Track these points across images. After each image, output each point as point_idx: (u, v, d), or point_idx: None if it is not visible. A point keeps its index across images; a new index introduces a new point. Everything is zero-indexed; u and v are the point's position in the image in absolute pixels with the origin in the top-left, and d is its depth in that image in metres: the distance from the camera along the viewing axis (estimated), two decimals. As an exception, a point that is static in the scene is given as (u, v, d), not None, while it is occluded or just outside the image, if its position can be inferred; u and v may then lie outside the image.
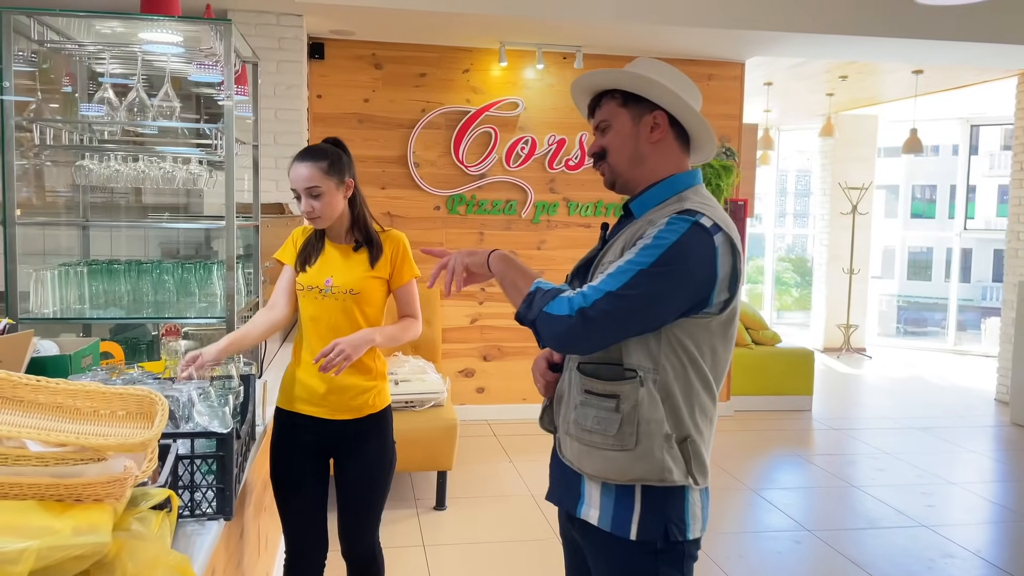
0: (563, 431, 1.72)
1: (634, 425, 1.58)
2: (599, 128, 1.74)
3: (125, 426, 1.25)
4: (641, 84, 1.66)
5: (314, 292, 2.43)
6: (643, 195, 1.69)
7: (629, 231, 1.65)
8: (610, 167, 1.73)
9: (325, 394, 2.43)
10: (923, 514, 4.37)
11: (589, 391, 1.64)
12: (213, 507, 1.74)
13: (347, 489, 2.52)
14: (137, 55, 2.76)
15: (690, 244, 1.53)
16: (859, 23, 5.24)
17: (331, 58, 5.66)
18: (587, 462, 1.65)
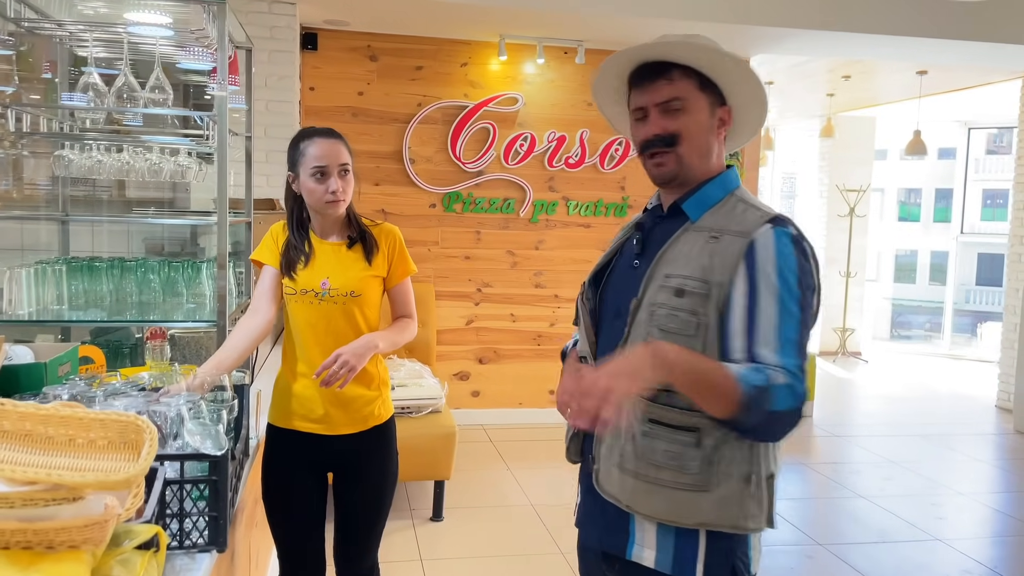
0: (609, 463, 1.49)
1: (715, 464, 1.40)
2: (671, 107, 1.47)
3: (106, 458, 1.07)
4: (746, 76, 1.47)
5: (309, 296, 2.21)
6: (697, 194, 1.51)
7: (696, 239, 1.45)
8: (679, 158, 1.48)
9: (326, 409, 2.24)
10: (935, 527, 4.23)
11: (657, 421, 1.43)
12: (205, 538, 1.55)
13: (349, 507, 2.32)
14: (123, 38, 2.56)
15: (806, 268, 1.41)
16: (867, 20, 5.10)
17: (324, 49, 5.46)
18: (645, 502, 1.44)
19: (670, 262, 1.46)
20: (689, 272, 1.42)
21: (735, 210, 1.47)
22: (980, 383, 8.05)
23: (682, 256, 1.45)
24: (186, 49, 2.76)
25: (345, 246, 2.27)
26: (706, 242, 1.44)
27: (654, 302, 1.44)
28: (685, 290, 1.41)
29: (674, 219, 1.53)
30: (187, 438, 1.57)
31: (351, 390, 2.21)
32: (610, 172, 5.89)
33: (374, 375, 2.29)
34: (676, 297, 1.42)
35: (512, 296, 5.87)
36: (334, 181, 2.18)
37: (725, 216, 1.47)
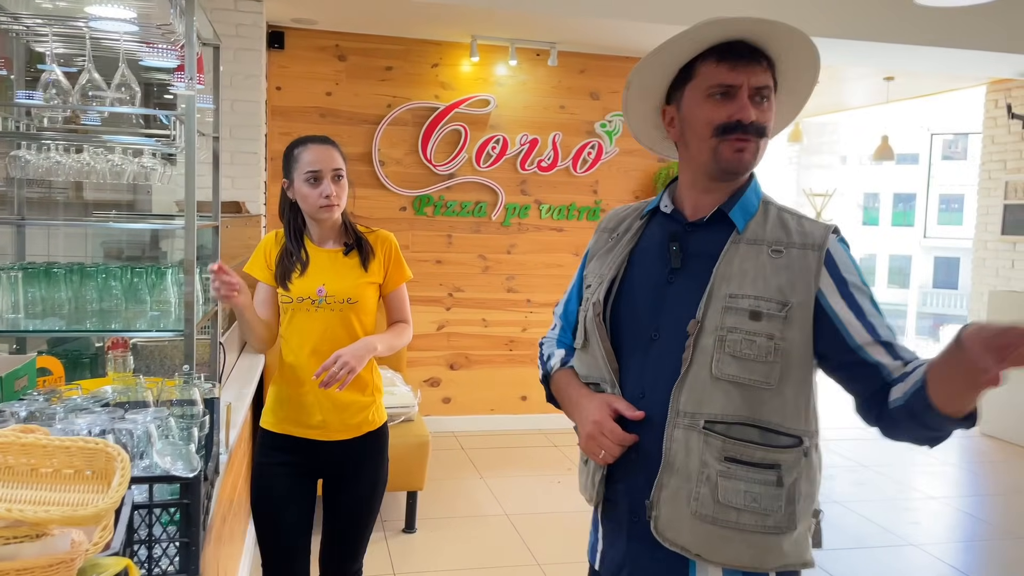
0: (679, 510, 1.33)
1: (794, 503, 1.32)
2: (761, 95, 1.35)
3: (73, 489, 0.97)
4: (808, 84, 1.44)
5: (305, 304, 2.24)
6: (741, 201, 1.40)
7: (757, 252, 1.34)
8: (759, 151, 1.37)
9: (323, 416, 2.24)
10: (909, 532, 4.24)
11: (733, 459, 1.30)
12: (175, 565, 1.45)
13: (340, 513, 2.33)
14: (84, 33, 2.43)
15: None
16: (834, 25, 5.11)
17: (292, 48, 5.33)
18: (723, 550, 1.31)
19: (730, 279, 1.34)
20: (760, 292, 1.32)
21: (785, 221, 1.39)
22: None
23: (744, 273, 1.34)
24: (150, 46, 2.63)
25: (341, 253, 2.29)
26: (769, 257, 1.34)
27: (723, 326, 1.32)
28: (762, 313, 1.30)
29: (713, 228, 1.40)
30: (157, 459, 1.47)
31: (347, 396, 2.22)
32: (583, 175, 5.84)
33: (368, 381, 2.31)
34: (752, 321, 1.31)
35: (484, 301, 5.79)
36: (327, 185, 2.20)
37: (776, 228, 1.38)
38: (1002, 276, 6.77)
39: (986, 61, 5.77)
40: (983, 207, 7.05)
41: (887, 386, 1.28)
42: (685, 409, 1.33)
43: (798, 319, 1.31)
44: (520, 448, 5.36)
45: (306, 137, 2.32)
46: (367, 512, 2.35)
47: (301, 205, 2.27)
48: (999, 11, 5.15)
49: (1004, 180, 6.75)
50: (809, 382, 1.36)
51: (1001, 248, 6.79)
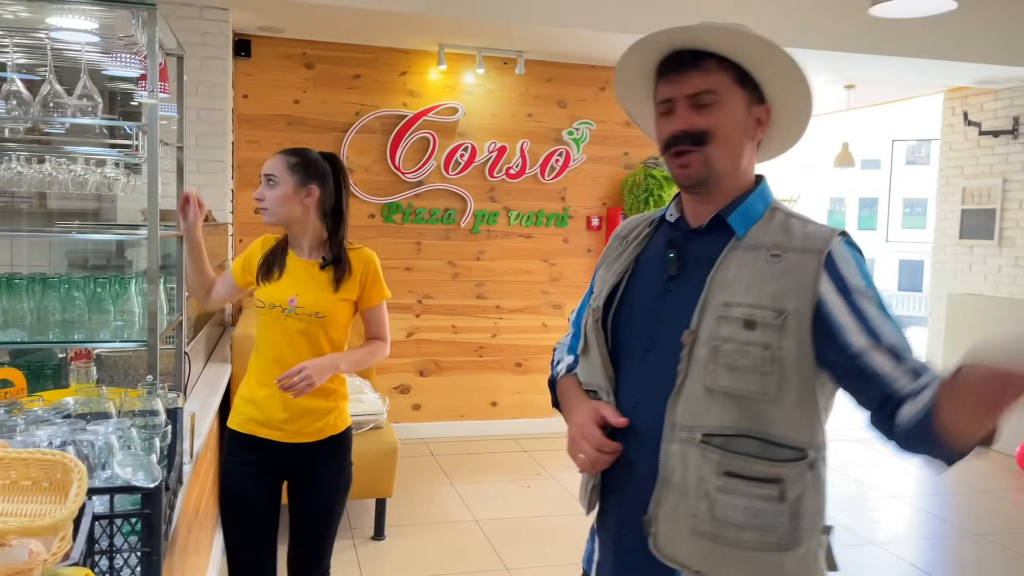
0: (678, 526, 1.29)
1: (799, 519, 1.26)
2: (700, 102, 1.31)
3: (30, 500, 0.99)
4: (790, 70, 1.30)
5: (276, 311, 2.32)
6: (742, 206, 1.35)
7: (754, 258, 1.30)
8: (707, 159, 1.32)
9: (285, 419, 2.31)
10: (870, 530, 4.33)
11: (733, 474, 1.26)
12: (137, 575, 1.46)
13: (303, 514, 2.40)
14: (45, 43, 2.43)
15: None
16: (797, 35, 5.22)
17: (258, 56, 5.33)
18: (723, 567, 1.27)
19: (725, 287, 1.29)
20: (755, 300, 1.26)
21: (789, 226, 1.32)
22: (907, 387, 8.30)
23: (740, 280, 1.29)
24: (113, 55, 2.63)
25: (318, 266, 2.35)
26: (767, 263, 1.29)
27: (717, 336, 1.27)
28: (757, 321, 1.25)
29: (712, 235, 1.36)
30: (117, 470, 1.48)
31: (309, 401, 2.30)
32: (551, 182, 5.89)
33: (333, 389, 2.38)
34: (747, 330, 1.26)
35: (453, 307, 5.81)
36: (260, 189, 2.35)
37: (778, 232, 1.32)
38: (960, 279, 6.92)
39: (943, 70, 5.91)
40: (941, 212, 7.21)
41: (892, 400, 1.21)
42: (682, 422, 1.29)
43: (795, 327, 1.25)
44: (490, 454, 5.38)
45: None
46: (329, 515, 2.40)
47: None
48: (954, 22, 5.29)
49: (961, 185, 6.91)
50: (812, 392, 1.29)
51: (959, 252, 6.95)
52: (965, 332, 6.27)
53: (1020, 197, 6.41)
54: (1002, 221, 6.55)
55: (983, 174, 6.75)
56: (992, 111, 6.67)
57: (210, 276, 2.56)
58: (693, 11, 4.99)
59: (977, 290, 6.70)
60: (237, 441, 2.39)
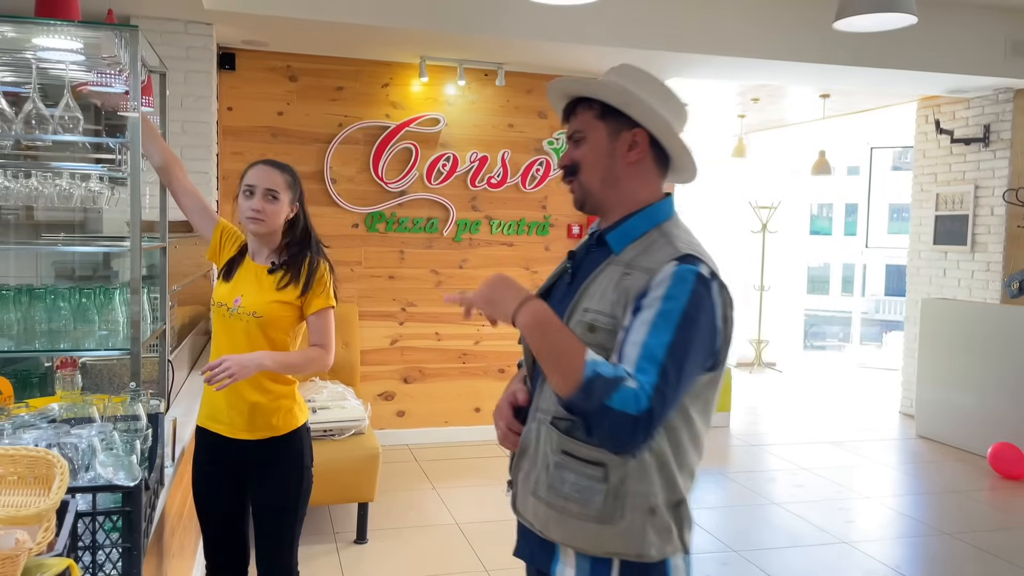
0: (526, 490, 1.54)
1: (621, 499, 1.43)
2: (572, 138, 1.58)
3: (16, 493, 1.08)
4: (622, 98, 1.50)
5: (223, 309, 2.46)
6: (621, 227, 1.53)
7: (613, 273, 1.48)
8: (581, 185, 1.56)
9: (227, 411, 2.43)
10: (843, 530, 4.44)
11: (568, 452, 1.46)
12: (119, 569, 1.55)
13: (258, 511, 2.51)
14: (31, 63, 2.52)
15: (700, 301, 1.39)
16: (772, 47, 5.36)
17: (243, 69, 5.42)
18: (556, 530, 1.49)
19: (590, 296, 1.48)
20: (601, 308, 1.45)
21: (654, 245, 1.48)
22: (885, 390, 8.46)
23: (599, 291, 1.47)
24: (97, 73, 2.72)
25: (266, 270, 2.47)
26: (620, 278, 1.46)
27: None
28: (596, 326, 1.44)
29: (602, 249, 1.55)
30: (99, 470, 1.56)
31: (249, 397, 2.41)
32: (532, 191, 6.00)
33: (271, 387, 2.45)
34: (589, 332, 1.45)
35: (437, 315, 5.90)
36: (257, 201, 2.42)
37: (643, 251, 1.48)
38: (935, 284, 7.07)
39: (913, 80, 6.06)
40: (916, 218, 7.36)
41: None
42: (541, 406, 1.54)
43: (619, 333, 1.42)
44: (473, 459, 5.47)
45: (261, 159, 2.54)
46: (280, 513, 2.48)
47: (237, 214, 2.51)
48: (922, 33, 5.43)
49: (935, 192, 7.06)
50: None
51: (933, 257, 7.10)
52: (937, 335, 6.40)
53: (992, 204, 6.56)
54: (974, 227, 6.70)
55: (956, 181, 6.90)
56: (964, 119, 6.83)
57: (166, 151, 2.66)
58: (665, 24, 5.12)
59: (951, 295, 6.84)
60: (199, 438, 2.54)
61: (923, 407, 6.56)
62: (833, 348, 13.60)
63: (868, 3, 3.55)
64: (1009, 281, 6.26)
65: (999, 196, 6.48)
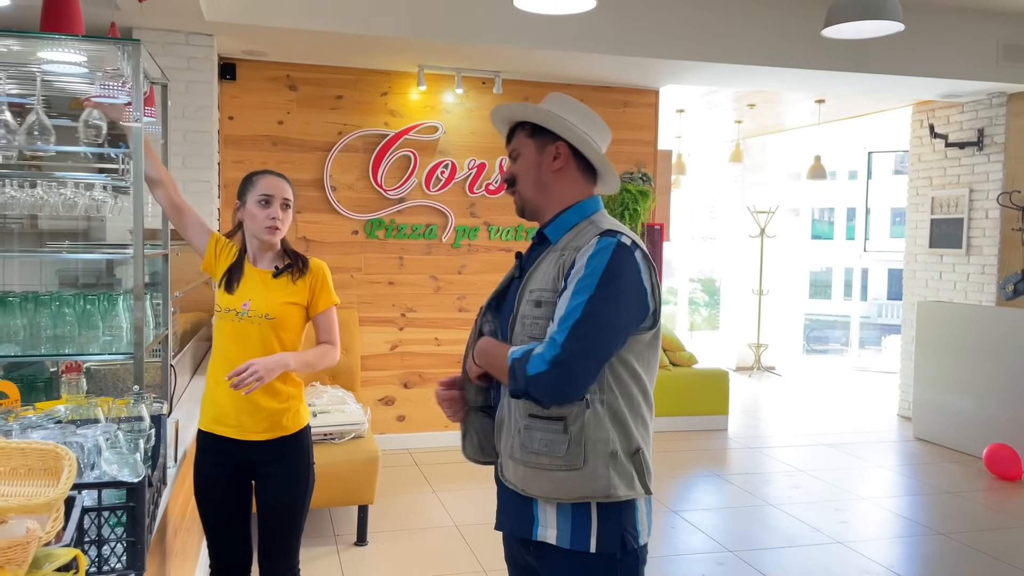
0: (506, 455, 1.76)
1: (581, 445, 1.64)
2: (511, 156, 1.86)
3: (27, 484, 1.14)
4: (542, 117, 1.78)
5: (231, 315, 2.49)
6: (555, 221, 1.79)
7: (552, 257, 1.73)
8: (519, 193, 1.84)
9: (236, 414, 2.47)
10: (838, 531, 4.48)
11: (534, 415, 1.68)
12: (123, 563, 1.61)
13: (264, 510, 2.56)
14: (36, 75, 2.59)
15: (620, 263, 1.64)
16: (766, 54, 5.43)
17: (243, 79, 5.50)
18: (534, 484, 1.69)
19: (535, 280, 1.74)
20: (543, 285, 1.71)
21: (583, 231, 1.74)
22: (884, 393, 8.50)
23: (542, 274, 1.73)
24: (100, 84, 2.79)
25: (271, 274, 2.55)
26: (557, 258, 1.72)
27: (524, 314, 1.73)
28: (541, 301, 1.70)
29: (542, 244, 1.82)
30: (104, 467, 1.63)
31: (261, 400, 2.46)
32: (529, 198, 6.06)
33: (281, 390, 2.52)
34: (536, 308, 1.71)
35: (436, 320, 5.97)
36: (275, 210, 2.49)
37: (575, 236, 1.74)
38: (931, 287, 7.12)
39: (908, 85, 6.13)
40: (912, 222, 7.42)
41: None
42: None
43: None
44: (473, 463, 5.52)
45: (267, 170, 2.62)
46: (287, 511, 2.55)
47: (248, 224, 2.54)
48: (915, 39, 5.50)
49: (931, 196, 7.13)
50: None
51: (930, 260, 7.15)
52: (934, 338, 6.46)
53: (986, 207, 6.62)
54: (969, 230, 6.76)
55: (951, 184, 6.96)
56: (958, 123, 6.89)
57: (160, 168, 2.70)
58: (659, 32, 5.19)
59: (947, 298, 6.89)
60: (203, 441, 2.57)
61: (920, 409, 6.61)
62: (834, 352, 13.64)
63: (855, 11, 3.62)
64: (1004, 283, 6.32)
65: (993, 199, 6.53)
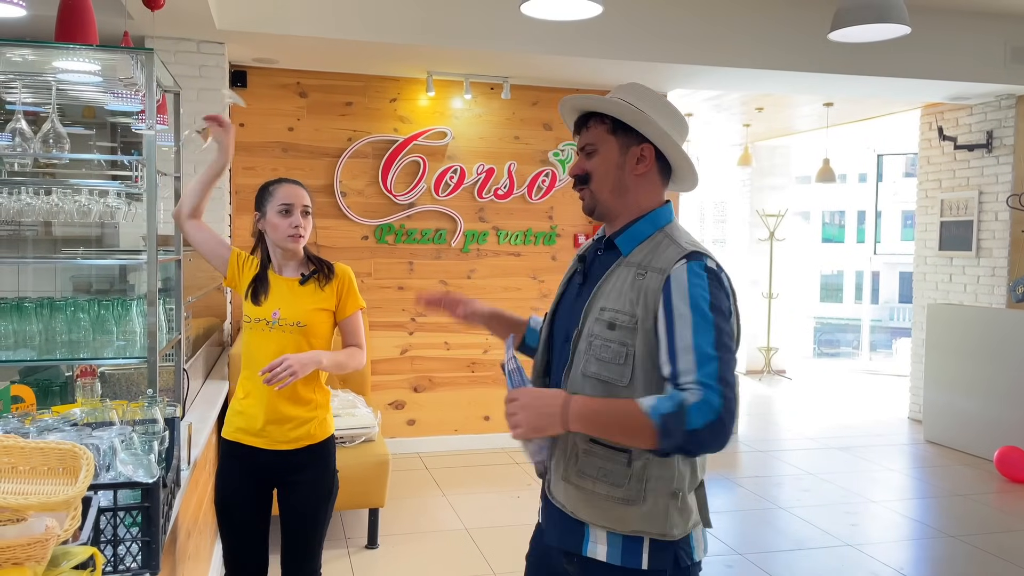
0: (557, 475, 1.67)
1: (643, 482, 1.57)
2: (584, 150, 1.70)
3: (47, 483, 1.17)
4: (636, 117, 1.63)
5: (261, 324, 2.51)
6: (628, 231, 1.67)
7: (625, 272, 1.61)
8: (592, 193, 1.70)
9: (263, 425, 2.49)
10: (847, 533, 4.48)
11: (596, 441, 1.59)
12: (138, 562, 1.64)
13: (288, 517, 2.57)
14: (51, 84, 2.63)
15: (718, 291, 1.54)
16: (773, 58, 5.44)
17: (254, 86, 5.55)
18: (585, 511, 1.62)
19: (605, 296, 1.62)
20: (619, 307, 1.58)
21: (660, 246, 1.62)
22: (894, 396, 8.48)
23: (615, 291, 1.61)
24: (114, 92, 2.83)
25: (298, 282, 2.56)
26: (634, 278, 1.59)
27: (592, 333, 1.61)
28: (616, 324, 1.58)
29: (611, 253, 1.69)
30: (120, 468, 1.66)
31: (288, 409, 2.48)
32: (538, 202, 6.10)
33: (311, 398, 2.54)
34: (609, 330, 1.58)
35: (446, 325, 5.99)
36: (297, 217, 2.50)
37: (651, 252, 1.61)
38: (941, 289, 7.10)
39: (916, 87, 6.12)
40: (921, 224, 7.41)
41: None
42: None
43: (643, 331, 1.55)
44: (482, 466, 5.55)
45: (281, 178, 2.63)
46: (313, 520, 2.57)
47: (271, 234, 2.55)
48: (924, 41, 5.50)
49: (940, 198, 7.11)
50: (659, 382, 1.54)
51: (939, 263, 7.13)
52: (944, 341, 6.44)
53: (996, 209, 6.61)
54: (979, 233, 6.74)
55: (960, 187, 6.94)
56: (967, 125, 6.88)
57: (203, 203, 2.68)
58: (667, 36, 5.21)
59: (957, 300, 6.87)
60: (227, 450, 2.58)
61: (930, 412, 6.59)
62: (844, 355, 13.61)
63: (862, 14, 3.64)
64: (1014, 285, 6.30)
65: (1003, 201, 6.52)
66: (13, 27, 3.96)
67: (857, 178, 27.95)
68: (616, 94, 1.69)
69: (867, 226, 27.35)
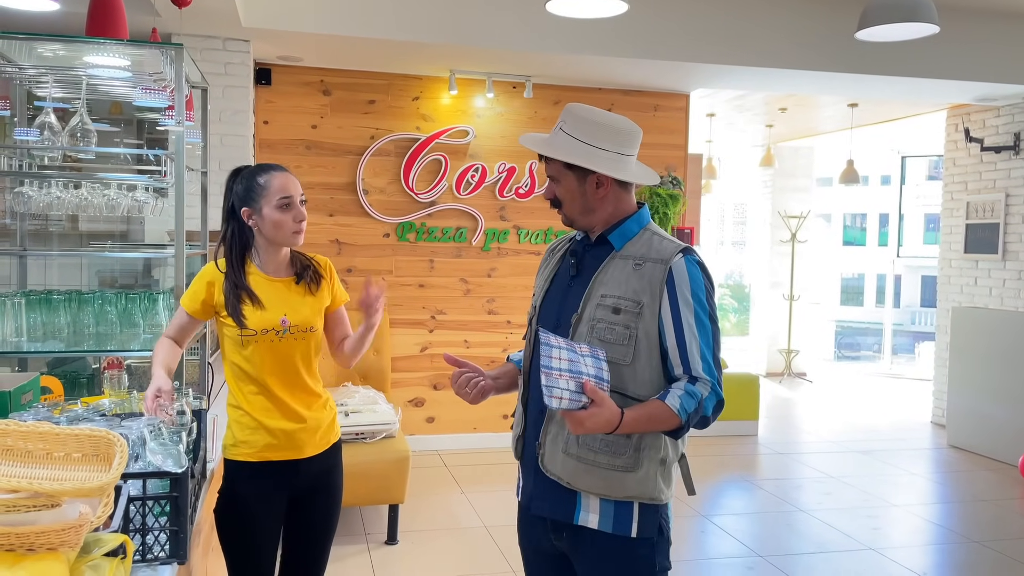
0: (555, 448, 1.80)
1: (639, 451, 1.75)
2: (551, 177, 1.87)
3: (80, 469, 1.18)
4: (582, 159, 1.78)
5: (269, 335, 2.21)
6: (619, 228, 1.85)
7: (623, 264, 1.79)
8: (565, 214, 1.89)
9: (294, 433, 2.26)
10: (869, 537, 4.44)
11: None
12: (166, 551, 1.66)
13: (309, 526, 2.41)
14: (81, 79, 2.67)
15: (709, 282, 1.78)
16: (798, 57, 5.40)
17: (278, 84, 5.59)
18: (583, 480, 1.77)
19: (604, 284, 1.79)
20: (622, 293, 1.76)
21: (651, 242, 1.82)
22: (917, 400, 8.39)
23: (614, 280, 1.79)
24: (142, 88, 2.87)
25: (293, 282, 2.30)
26: (633, 269, 1.78)
27: (594, 317, 1.78)
28: (621, 308, 1.76)
29: (601, 247, 1.86)
30: (149, 457, 1.67)
31: (312, 413, 2.30)
32: (559, 202, 6.08)
33: (319, 392, 2.36)
34: (614, 314, 1.76)
35: (465, 323, 6.01)
36: (301, 210, 2.22)
37: (644, 246, 1.81)
38: (966, 293, 7.02)
39: (942, 88, 6.06)
40: (947, 227, 7.32)
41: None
42: None
43: (647, 315, 1.75)
44: (501, 464, 5.55)
45: (263, 165, 2.29)
46: (335, 519, 2.46)
47: (269, 232, 2.21)
48: (951, 41, 5.44)
49: (966, 200, 7.03)
50: (658, 362, 1.75)
51: (965, 266, 7.05)
52: (968, 345, 6.37)
53: (1023, 211, 6.52)
54: (1005, 235, 6.66)
55: (986, 189, 6.86)
56: (994, 127, 6.79)
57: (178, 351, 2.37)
58: (690, 36, 5.19)
59: (983, 303, 6.79)
60: (243, 471, 2.28)
61: (954, 417, 6.52)
62: (866, 359, 13.50)
63: (890, 13, 3.60)
64: (1041, 289, 6.21)
65: (1030, 204, 6.43)
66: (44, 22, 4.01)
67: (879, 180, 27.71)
68: (562, 125, 1.83)
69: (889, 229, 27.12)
